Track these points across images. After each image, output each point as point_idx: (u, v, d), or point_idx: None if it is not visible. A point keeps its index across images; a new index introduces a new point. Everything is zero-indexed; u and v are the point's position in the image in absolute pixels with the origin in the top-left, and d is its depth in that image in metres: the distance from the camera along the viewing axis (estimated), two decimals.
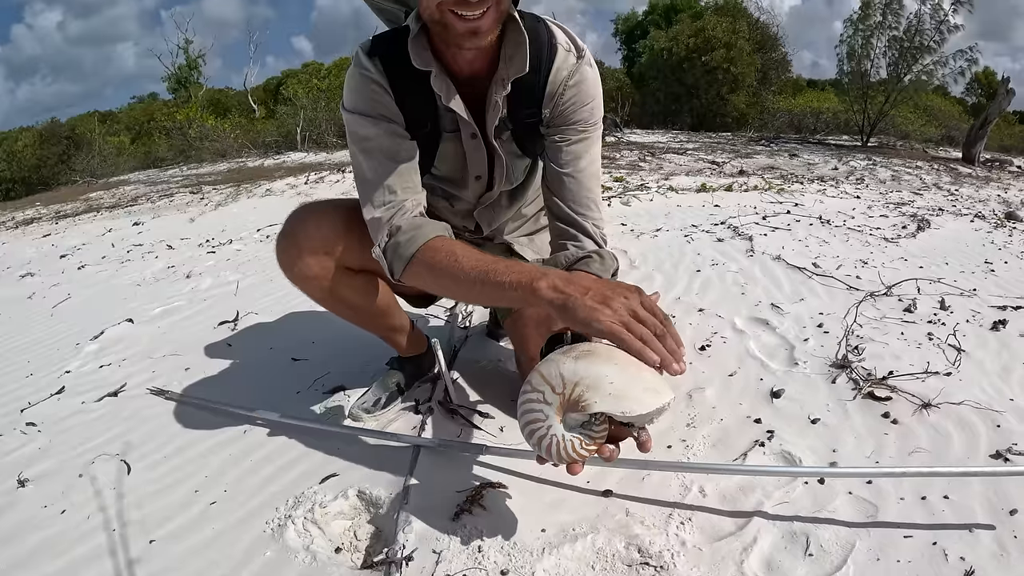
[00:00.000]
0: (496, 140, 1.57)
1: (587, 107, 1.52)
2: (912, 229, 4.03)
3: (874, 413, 1.71)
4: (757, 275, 2.98)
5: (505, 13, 1.34)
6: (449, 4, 1.24)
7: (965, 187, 7.07)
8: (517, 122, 1.55)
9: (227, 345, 2.61)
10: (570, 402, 1.09)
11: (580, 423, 1.11)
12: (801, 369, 1.98)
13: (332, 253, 1.60)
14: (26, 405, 2.22)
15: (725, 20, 19.90)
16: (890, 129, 14.31)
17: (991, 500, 1.34)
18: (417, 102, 1.48)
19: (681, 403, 1.83)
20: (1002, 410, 1.68)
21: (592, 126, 1.55)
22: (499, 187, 1.70)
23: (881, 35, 13.43)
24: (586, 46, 1.51)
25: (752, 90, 19.89)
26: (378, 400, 1.88)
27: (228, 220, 6.00)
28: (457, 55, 1.40)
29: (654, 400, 1.08)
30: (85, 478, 1.72)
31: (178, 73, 24.62)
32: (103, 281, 4.09)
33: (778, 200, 5.22)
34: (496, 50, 1.43)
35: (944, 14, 12.55)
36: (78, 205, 8.97)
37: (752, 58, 19.67)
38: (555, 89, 1.49)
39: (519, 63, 1.41)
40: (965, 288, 2.70)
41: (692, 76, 19.58)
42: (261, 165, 11.75)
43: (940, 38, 12.69)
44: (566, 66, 1.49)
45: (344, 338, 2.43)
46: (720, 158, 9.15)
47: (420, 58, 1.40)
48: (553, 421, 1.11)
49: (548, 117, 1.53)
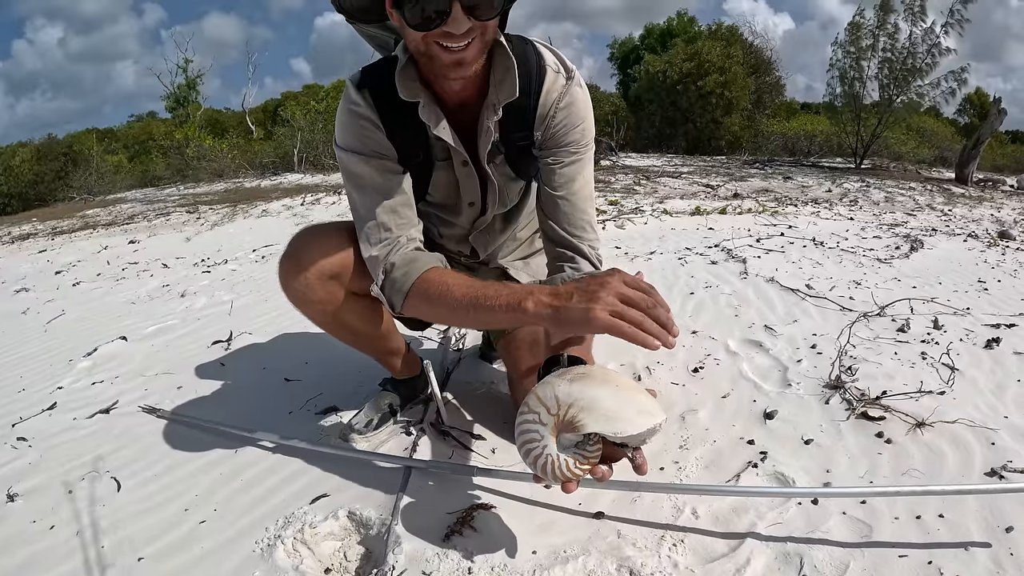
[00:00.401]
0: (490, 165, 1.58)
1: (578, 128, 1.53)
2: (905, 250, 4.06)
3: (868, 433, 1.71)
4: (751, 297, 2.99)
5: (491, 42, 1.35)
6: (434, 36, 1.26)
7: (958, 207, 7.11)
8: (510, 145, 1.56)
9: (220, 365, 2.61)
10: (564, 423, 1.12)
11: (574, 443, 1.13)
12: (794, 390, 1.98)
13: (338, 277, 1.60)
14: (17, 420, 2.20)
15: (719, 44, 20.10)
16: (883, 151, 14.44)
17: (987, 518, 1.34)
18: (408, 133, 1.50)
19: (674, 425, 1.82)
20: (996, 428, 1.68)
21: (584, 147, 1.56)
22: (493, 211, 1.71)
23: (872, 57, 13.55)
24: (575, 67, 1.52)
25: (746, 113, 20.05)
26: (370, 421, 1.87)
27: (224, 240, 6.01)
28: (446, 84, 1.41)
29: (646, 421, 1.11)
30: (75, 494, 1.70)
31: (177, 92, 24.78)
32: (97, 298, 4.08)
33: (772, 223, 5.25)
34: (485, 76, 1.44)
35: (935, 36, 12.69)
36: (74, 222, 8.99)
37: (746, 82, 19.84)
38: (546, 111, 1.50)
39: (509, 88, 1.42)
40: (959, 307, 2.71)
41: (687, 100, 19.74)
42: (258, 186, 11.81)
43: (932, 60, 12.82)
44: (556, 88, 1.49)
45: (337, 360, 2.43)
46: (715, 181, 9.20)
47: (407, 90, 1.42)
48: (548, 441, 1.14)
49: (540, 139, 1.54)
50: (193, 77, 24.96)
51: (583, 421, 1.10)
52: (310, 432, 1.94)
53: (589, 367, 1.21)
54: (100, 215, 9.51)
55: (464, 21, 1.22)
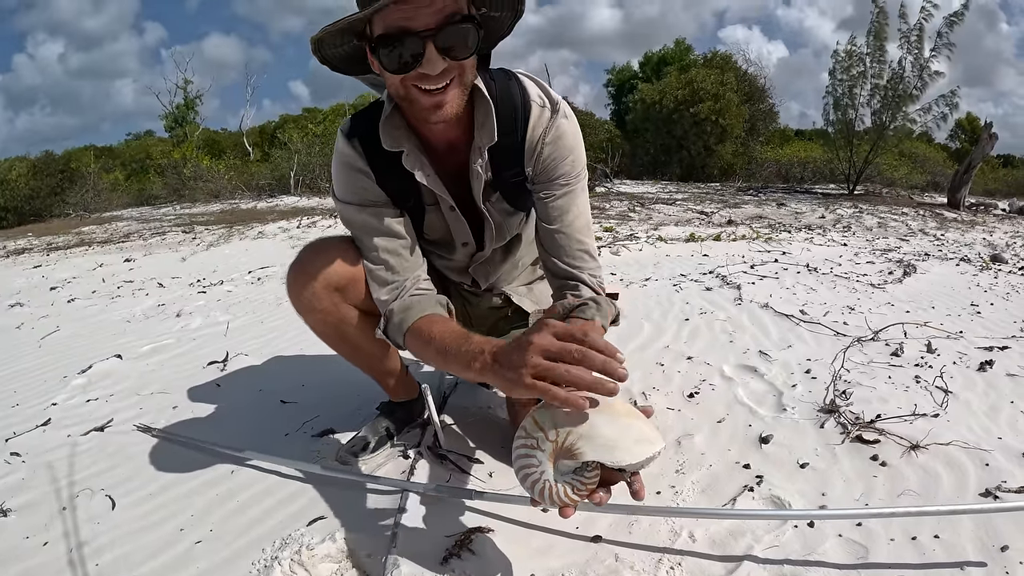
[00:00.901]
0: (486, 204, 1.61)
1: (567, 160, 1.54)
2: (898, 274, 4.10)
3: (863, 456, 1.72)
4: (745, 323, 3.01)
5: (470, 85, 1.38)
6: (411, 80, 1.28)
7: (951, 232, 7.19)
8: (504, 182, 1.59)
9: (216, 385, 2.61)
10: (563, 449, 1.11)
11: (572, 469, 1.12)
12: (789, 415, 2.00)
13: (343, 289, 1.62)
14: (11, 435, 2.20)
15: (713, 72, 20.31)
16: (876, 177, 14.56)
17: (982, 538, 1.35)
18: (397, 179, 1.53)
19: (670, 450, 1.84)
20: (990, 449, 1.70)
21: (575, 178, 1.57)
22: (491, 246, 1.74)
23: (864, 85, 13.70)
24: (560, 98, 1.54)
25: (740, 141, 20.21)
26: (367, 444, 1.88)
27: (220, 261, 6.04)
28: (428, 128, 1.45)
29: (645, 450, 1.10)
30: (69, 511, 1.70)
31: (176, 112, 24.87)
32: (92, 316, 4.09)
33: (766, 249, 5.30)
34: (470, 118, 1.47)
35: (924, 61, 12.83)
36: (70, 238, 9.06)
37: (740, 109, 20.03)
38: (533, 146, 1.52)
39: (489, 132, 1.45)
40: (952, 331, 2.74)
41: (681, 127, 19.90)
42: (254, 207, 11.90)
43: (921, 84, 12.96)
44: (542, 122, 1.51)
45: (334, 382, 2.44)
46: (709, 208, 9.28)
47: (391, 139, 1.46)
48: (546, 467, 1.12)
49: (531, 174, 1.56)
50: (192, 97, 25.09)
51: (581, 449, 1.09)
52: (307, 454, 1.95)
53: None
54: (96, 232, 9.58)
55: (439, 61, 1.25)
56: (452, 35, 1.24)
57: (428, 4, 1.21)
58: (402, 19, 1.21)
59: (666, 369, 2.44)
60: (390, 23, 1.22)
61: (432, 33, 1.22)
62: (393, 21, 1.22)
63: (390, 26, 1.22)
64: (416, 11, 1.20)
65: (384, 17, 1.23)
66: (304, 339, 3.03)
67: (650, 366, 2.48)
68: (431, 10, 1.21)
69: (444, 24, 1.22)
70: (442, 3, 1.22)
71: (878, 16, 13.23)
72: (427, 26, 1.21)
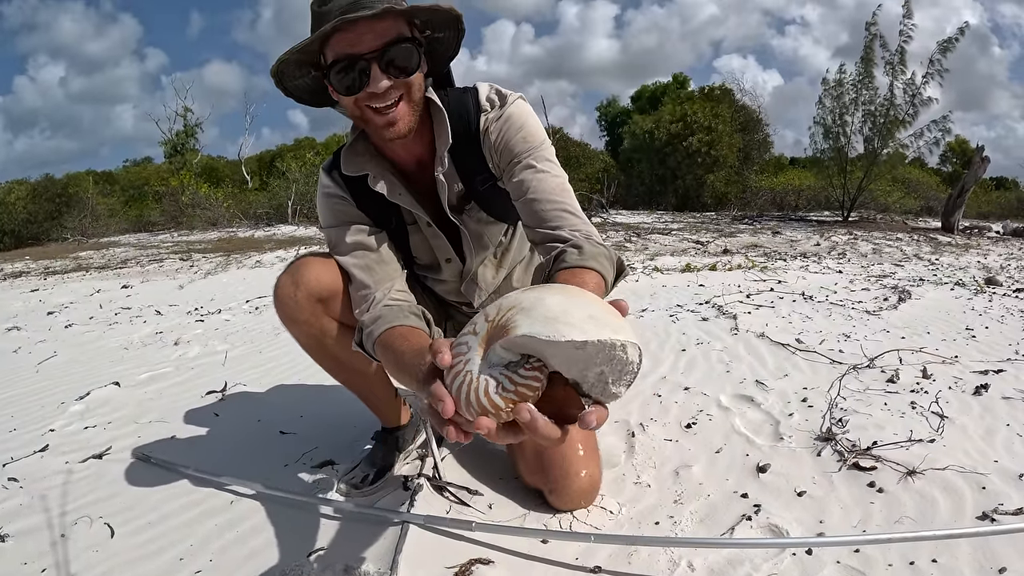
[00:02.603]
0: (462, 215, 1.69)
1: (518, 137, 1.56)
2: (894, 301, 4.14)
3: (860, 483, 1.74)
4: (741, 353, 3.05)
5: (420, 101, 1.48)
6: (363, 100, 1.40)
7: (945, 256, 7.25)
8: (475, 190, 1.66)
9: (214, 415, 2.62)
10: (497, 328, 0.85)
11: (505, 362, 0.85)
12: (786, 443, 2.03)
13: (325, 301, 1.68)
14: (8, 460, 2.21)
15: (707, 105, 20.54)
16: (870, 203, 14.66)
17: (979, 561, 1.38)
18: (376, 203, 1.64)
19: (668, 480, 1.86)
20: (987, 472, 1.73)
21: (532, 149, 1.56)
22: (473, 260, 1.80)
23: (856, 111, 13.84)
24: (515, 93, 1.60)
25: (733, 170, 20.37)
26: (366, 476, 1.92)
27: (217, 289, 6.05)
28: (390, 147, 1.57)
29: (596, 331, 0.80)
30: (67, 538, 1.72)
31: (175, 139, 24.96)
32: (90, 342, 4.10)
33: (761, 278, 5.34)
34: (430, 132, 1.57)
35: (915, 87, 12.98)
36: (67, 263, 9.09)
37: (733, 139, 20.23)
38: (485, 138, 1.59)
39: (444, 138, 1.54)
40: (947, 356, 2.78)
41: (675, 159, 20.09)
42: (252, 236, 11.98)
43: (913, 111, 13.10)
44: (491, 117, 1.58)
45: (333, 413, 2.47)
46: (704, 237, 9.35)
47: (352, 164, 1.59)
48: (473, 355, 0.86)
49: (495, 166, 1.61)
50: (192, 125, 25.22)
51: (516, 322, 0.82)
52: (306, 486, 1.97)
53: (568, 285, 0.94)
54: (93, 258, 9.63)
55: (383, 80, 1.36)
56: (395, 55, 1.37)
57: (370, 30, 1.34)
58: (348, 45, 1.35)
59: (663, 400, 2.47)
60: (338, 50, 1.35)
61: (376, 55, 1.35)
62: (340, 48, 1.35)
63: (338, 53, 1.36)
64: (360, 37, 1.34)
65: (333, 46, 1.36)
66: (303, 369, 3.06)
67: (647, 397, 2.51)
68: (373, 35, 1.34)
69: (387, 46, 1.35)
70: (383, 28, 1.35)
71: (870, 43, 13.42)
72: (371, 48, 1.34)
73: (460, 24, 1.45)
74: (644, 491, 1.81)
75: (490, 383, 0.84)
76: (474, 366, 0.85)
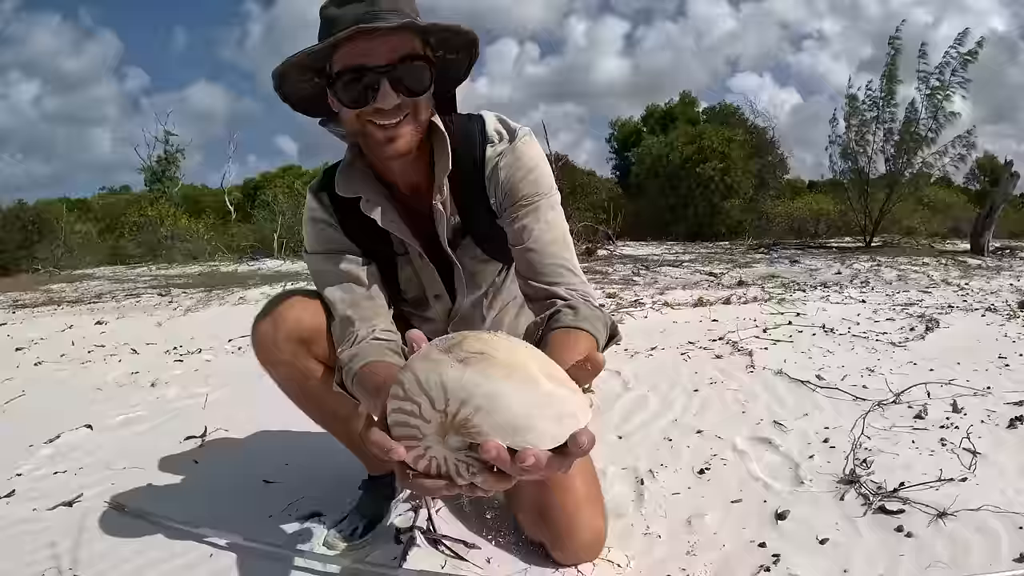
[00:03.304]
0: (456, 250, 1.69)
1: (527, 179, 1.58)
2: (920, 330, 4.13)
3: (887, 528, 1.73)
4: (758, 392, 3.04)
5: (425, 123, 1.50)
6: (367, 115, 1.41)
7: (975, 280, 7.24)
8: (472, 225, 1.67)
9: (194, 462, 2.60)
10: (453, 423, 0.88)
11: (466, 446, 0.89)
12: (807, 488, 2.01)
13: (306, 343, 1.68)
14: None
15: (722, 130, 20.72)
16: (893, 227, 14.69)
17: None
18: (365, 229, 1.63)
19: (680, 530, 1.85)
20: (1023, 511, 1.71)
21: (539, 196, 1.59)
22: (463, 298, 1.80)
23: (877, 130, 13.95)
24: (523, 127, 1.62)
25: (748, 197, 20.45)
26: (356, 528, 1.90)
27: (198, 327, 5.99)
28: (392, 167, 1.56)
29: (566, 430, 0.87)
30: None
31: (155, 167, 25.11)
32: (61, 381, 4.09)
33: (779, 311, 5.33)
34: (430, 158, 1.58)
35: (939, 101, 13.11)
36: (37, 296, 9.14)
37: (748, 165, 20.35)
38: (491, 173, 1.60)
39: (444, 164, 1.55)
40: (978, 387, 2.77)
41: (687, 185, 20.20)
42: (235, 271, 12.11)
43: (937, 126, 13.20)
44: (498, 150, 1.59)
45: (320, 463, 2.44)
46: (718, 269, 9.35)
47: (347, 186, 1.59)
48: (432, 442, 0.90)
49: (497, 204, 1.62)
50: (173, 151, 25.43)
51: (476, 424, 0.86)
52: (292, 538, 1.95)
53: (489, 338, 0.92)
54: (66, 291, 9.70)
55: (393, 96, 1.37)
56: (407, 72, 1.39)
57: (384, 43, 1.35)
58: (360, 55, 1.35)
59: (674, 444, 2.46)
60: (348, 59, 1.36)
61: (387, 69, 1.36)
62: (351, 57, 1.36)
63: (348, 62, 1.36)
64: (373, 48, 1.35)
65: (343, 54, 1.37)
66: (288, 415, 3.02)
67: (657, 441, 2.49)
68: (387, 48, 1.35)
69: (399, 62, 1.37)
70: (398, 42, 1.37)
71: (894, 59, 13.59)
72: (383, 62, 1.36)
73: (475, 48, 1.48)
74: (654, 542, 1.79)
75: (460, 466, 0.89)
76: (437, 452, 0.89)
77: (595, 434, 0.86)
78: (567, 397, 0.88)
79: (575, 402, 0.89)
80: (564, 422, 0.86)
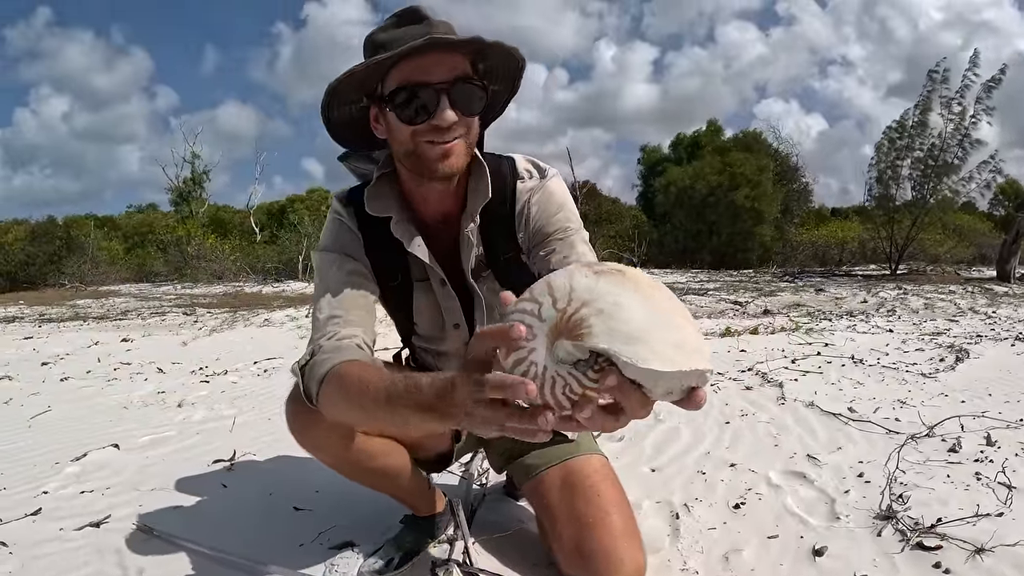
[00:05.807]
0: (477, 280, 1.69)
1: (558, 216, 1.61)
2: (950, 361, 4.11)
3: (924, 564, 1.72)
4: (790, 424, 3.03)
5: (474, 144, 1.52)
6: (422, 132, 1.42)
7: (1003, 307, 7.19)
8: (496, 259, 1.68)
9: (222, 486, 2.58)
10: (568, 323, 0.83)
11: (573, 360, 0.83)
12: (844, 523, 2.00)
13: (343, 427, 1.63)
14: None
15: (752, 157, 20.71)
16: (919, 254, 14.59)
17: None
18: (386, 251, 1.63)
19: (717, 566, 1.84)
20: None
21: (571, 231, 1.61)
22: None
23: (907, 157, 13.94)
24: (551, 168, 1.66)
25: (775, 222, 20.41)
26: (391, 560, 1.87)
27: (223, 348, 5.99)
28: (428, 193, 1.57)
29: (684, 360, 0.79)
30: None
31: (182, 187, 25.32)
32: (87, 398, 4.09)
33: (807, 340, 5.32)
34: (464, 189, 1.60)
35: (965, 129, 13.07)
36: (64, 310, 9.21)
37: (775, 190, 20.32)
38: (521, 208, 1.63)
39: (484, 191, 1.57)
40: (1011, 419, 2.76)
41: (715, 213, 20.18)
42: (259, 292, 12.15)
43: (963, 153, 13.15)
44: (528, 187, 1.63)
45: (351, 490, 2.39)
46: (743, 297, 9.32)
47: (378, 204, 1.58)
48: (539, 344, 0.84)
49: (525, 241, 1.64)
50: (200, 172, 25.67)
51: (590, 325, 0.81)
52: (325, 568, 1.91)
53: (631, 269, 0.87)
54: (92, 307, 9.80)
55: (451, 114, 1.40)
56: (464, 92, 1.41)
57: (442, 62, 1.38)
58: (419, 72, 1.38)
59: (708, 478, 2.45)
60: (407, 76, 1.39)
61: (446, 87, 1.39)
62: (410, 74, 1.39)
63: (407, 79, 1.39)
64: (433, 66, 1.38)
65: (402, 70, 1.39)
66: None
67: (691, 474, 2.49)
68: (445, 67, 1.38)
69: (457, 80, 1.40)
70: (454, 63, 1.40)
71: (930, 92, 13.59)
72: (442, 80, 1.38)
73: (518, 79, 1.53)
74: None
75: (556, 383, 0.83)
76: (539, 357, 0.84)
77: (628, 466, 0.86)
78: (694, 336, 0.82)
79: (701, 345, 0.82)
80: (682, 352, 0.79)
